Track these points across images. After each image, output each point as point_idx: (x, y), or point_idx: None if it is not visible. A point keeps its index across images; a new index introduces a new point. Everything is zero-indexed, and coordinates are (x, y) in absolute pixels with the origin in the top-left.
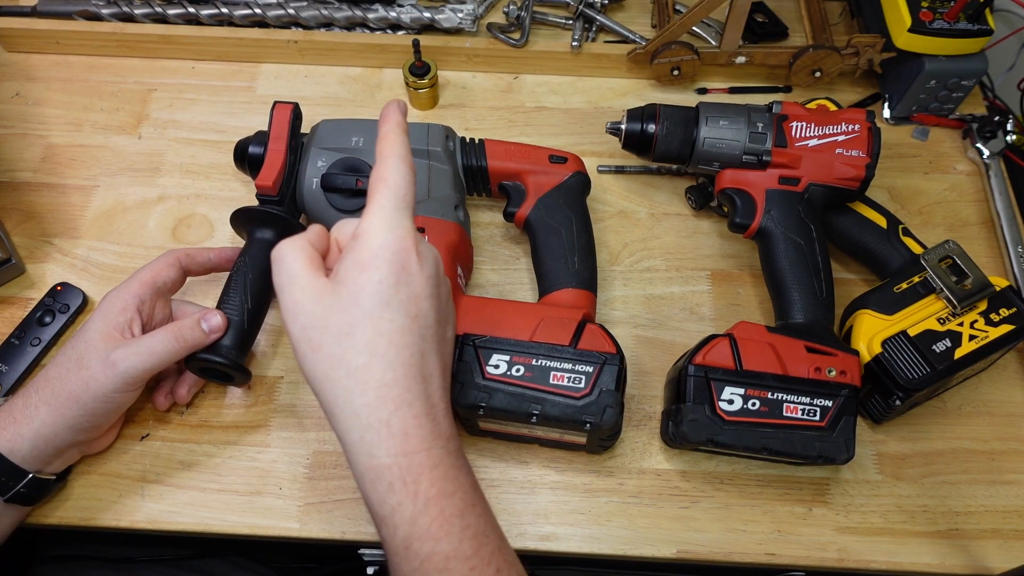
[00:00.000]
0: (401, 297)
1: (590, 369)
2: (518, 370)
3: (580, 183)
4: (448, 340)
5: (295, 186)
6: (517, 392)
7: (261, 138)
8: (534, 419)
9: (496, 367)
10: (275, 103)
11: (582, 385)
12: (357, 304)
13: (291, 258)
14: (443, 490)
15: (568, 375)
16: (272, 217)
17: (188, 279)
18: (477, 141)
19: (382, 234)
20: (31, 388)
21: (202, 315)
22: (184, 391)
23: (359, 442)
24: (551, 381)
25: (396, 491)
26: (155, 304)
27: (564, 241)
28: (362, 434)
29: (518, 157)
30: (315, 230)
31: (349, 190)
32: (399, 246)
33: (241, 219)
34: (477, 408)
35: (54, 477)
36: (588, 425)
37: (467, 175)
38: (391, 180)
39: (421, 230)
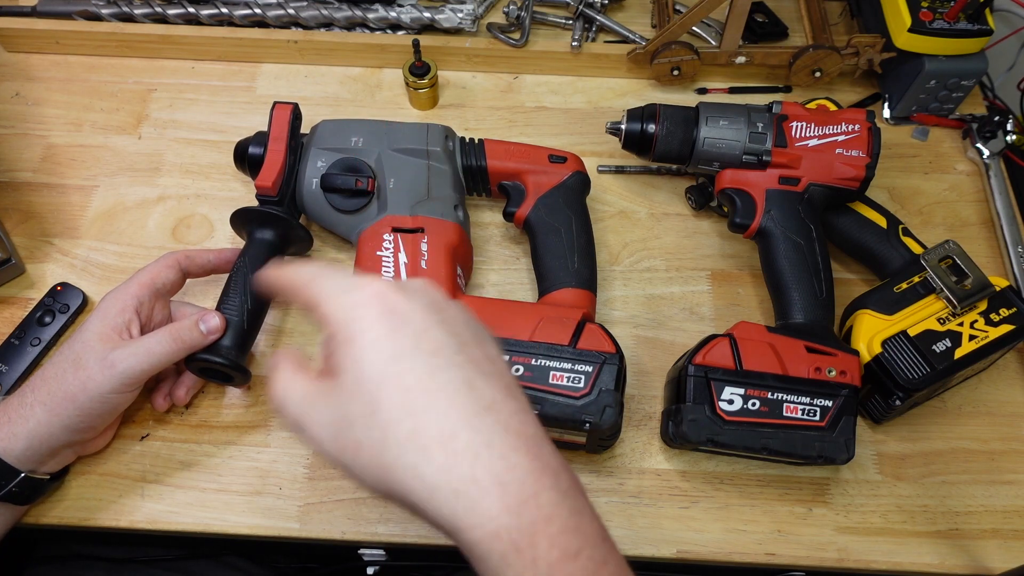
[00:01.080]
0: (406, 342)
1: (589, 369)
2: (517, 370)
3: (580, 183)
4: (494, 357)
5: (295, 186)
6: None
7: (261, 139)
8: None
9: None
10: (275, 103)
11: (581, 385)
12: (365, 378)
13: (285, 384)
14: (566, 551)
15: (567, 375)
16: (272, 217)
17: (188, 280)
18: (476, 141)
19: (340, 298)
20: (27, 388)
21: (200, 316)
22: (182, 392)
23: (453, 517)
24: (550, 381)
25: (511, 563)
26: (154, 305)
27: (564, 241)
28: (453, 507)
29: (517, 157)
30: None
31: (349, 190)
32: (367, 295)
33: (241, 219)
34: None
35: (48, 477)
36: (587, 425)
37: (467, 175)
38: (309, 275)
39: (421, 230)
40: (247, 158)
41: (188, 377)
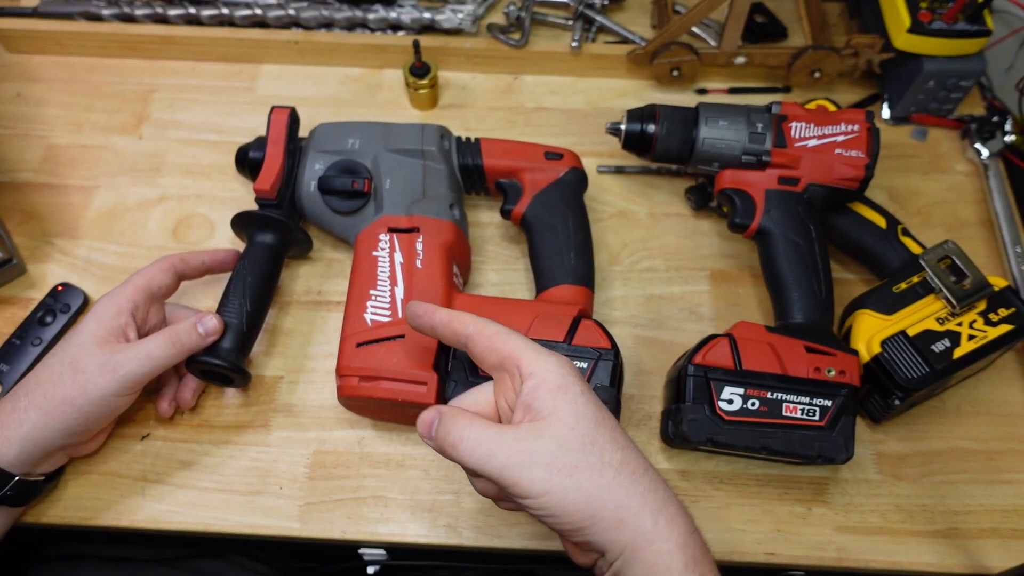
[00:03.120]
0: (591, 396)
1: (584, 365)
2: None
3: (576, 179)
4: None
5: (294, 189)
6: None
7: (261, 143)
8: None
9: None
10: (272, 108)
11: None
12: (583, 415)
13: (476, 427)
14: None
15: None
16: (271, 221)
17: (187, 282)
18: (473, 140)
19: (551, 359)
20: (19, 392)
21: (198, 319)
22: (188, 395)
23: (654, 528)
24: None
25: (691, 572)
26: (149, 309)
27: (560, 237)
28: (655, 520)
29: (514, 154)
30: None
31: (346, 191)
32: (562, 359)
33: (241, 223)
34: None
35: (42, 478)
36: None
37: (464, 174)
38: (501, 330)
39: (416, 229)
40: (248, 162)
41: (191, 379)
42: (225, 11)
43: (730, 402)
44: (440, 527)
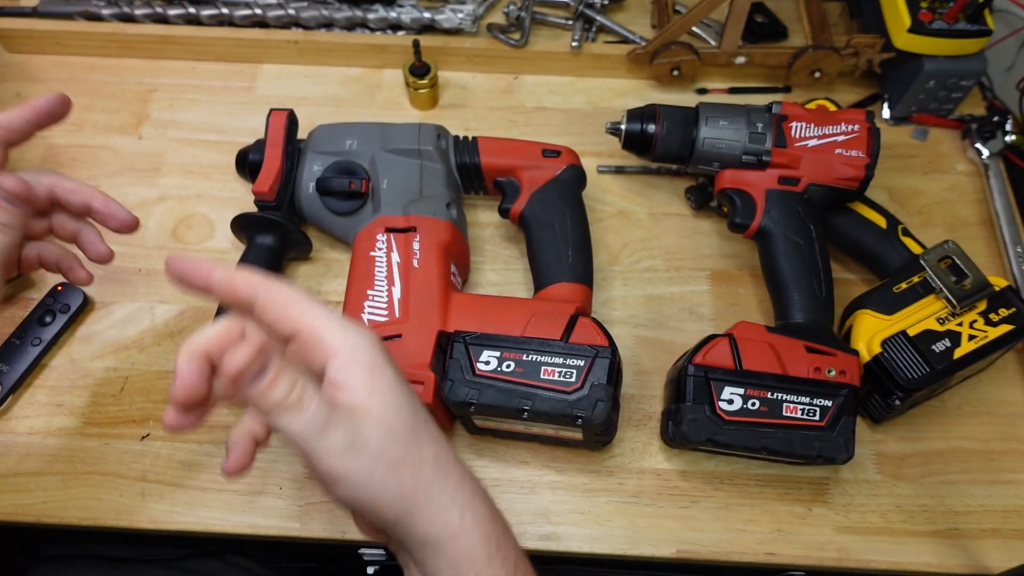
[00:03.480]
0: (403, 379)
1: (581, 363)
2: (509, 366)
3: (574, 176)
4: None
5: (293, 191)
6: (508, 388)
7: (261, 146)
8: (525, 414)
9: (487, 363)
10: (271, 110)
11: (573, 379)
12: (404, 404)
13: (319, 407)
14: (518, 555)
15: (559, 369)
16: (270, 223)
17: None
18: (471, 139)
19: (359, 334)
20: None
21: None
22: (99, 244)
23: (460, 524)
24: (541, 376)
25: (493, 558)
26: None
27: (558, 235)
28: (462, 517)
29: (511, 153)
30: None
31: (344, 192)
32: (371, 335)
33: (240, 225)
34: (468, 405)
35: None
36: (579, 420)
37: (462, 173)
38: (297, 296)
39: (413, 229)
40: (248, 165)
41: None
42: (225, 11)
43: (730, 402)
44: None
